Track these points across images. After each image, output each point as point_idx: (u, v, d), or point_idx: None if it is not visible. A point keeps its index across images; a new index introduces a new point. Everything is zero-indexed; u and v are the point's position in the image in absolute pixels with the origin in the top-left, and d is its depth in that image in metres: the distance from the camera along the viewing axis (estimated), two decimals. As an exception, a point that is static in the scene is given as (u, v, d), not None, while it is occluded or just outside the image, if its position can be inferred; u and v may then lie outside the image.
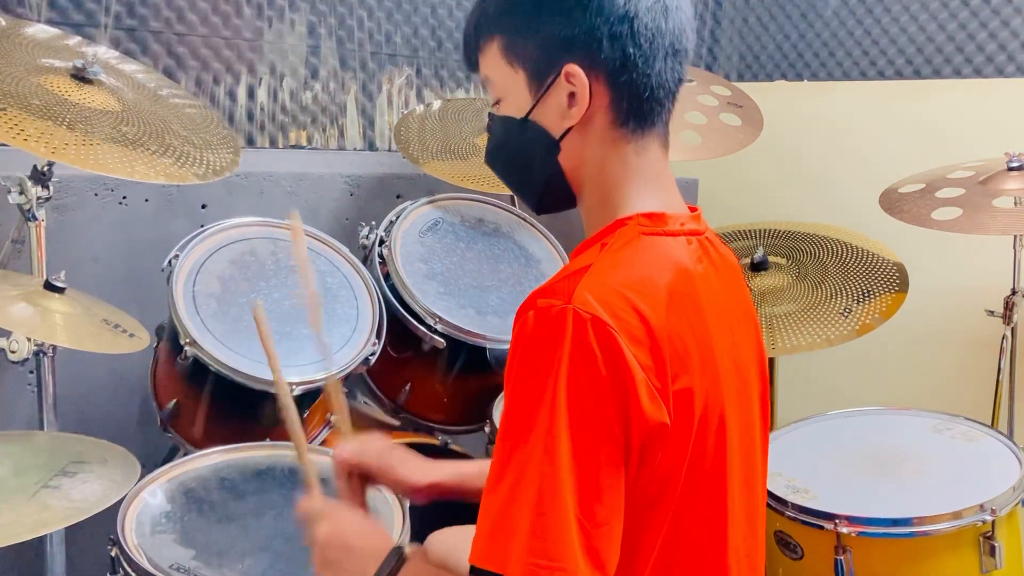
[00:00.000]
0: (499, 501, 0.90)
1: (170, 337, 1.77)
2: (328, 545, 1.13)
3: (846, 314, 2.08)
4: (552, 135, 1.05)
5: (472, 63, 1.12)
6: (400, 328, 1.94)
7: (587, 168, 1.05)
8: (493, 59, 1.07)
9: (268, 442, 1.71)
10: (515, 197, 2.33)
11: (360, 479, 1.30)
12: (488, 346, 1.96)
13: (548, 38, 1.02)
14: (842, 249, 2.29)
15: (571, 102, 1.02)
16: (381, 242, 2.02)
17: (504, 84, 1.07)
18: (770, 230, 2.45)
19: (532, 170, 1.08)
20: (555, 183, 1.08)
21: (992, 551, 1.60)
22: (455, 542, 1.53)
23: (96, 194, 2.00)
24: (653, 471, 0.94)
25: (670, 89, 1.05)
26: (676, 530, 0.99)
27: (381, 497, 1.51)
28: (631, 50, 1.00)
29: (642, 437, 0.92)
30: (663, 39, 1.02)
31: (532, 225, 2.24)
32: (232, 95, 2.35)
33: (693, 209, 1.11)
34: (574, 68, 1.01)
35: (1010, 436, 1.90)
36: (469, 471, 1.36)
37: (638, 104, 1.03)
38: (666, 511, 0.98)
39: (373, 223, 2.10)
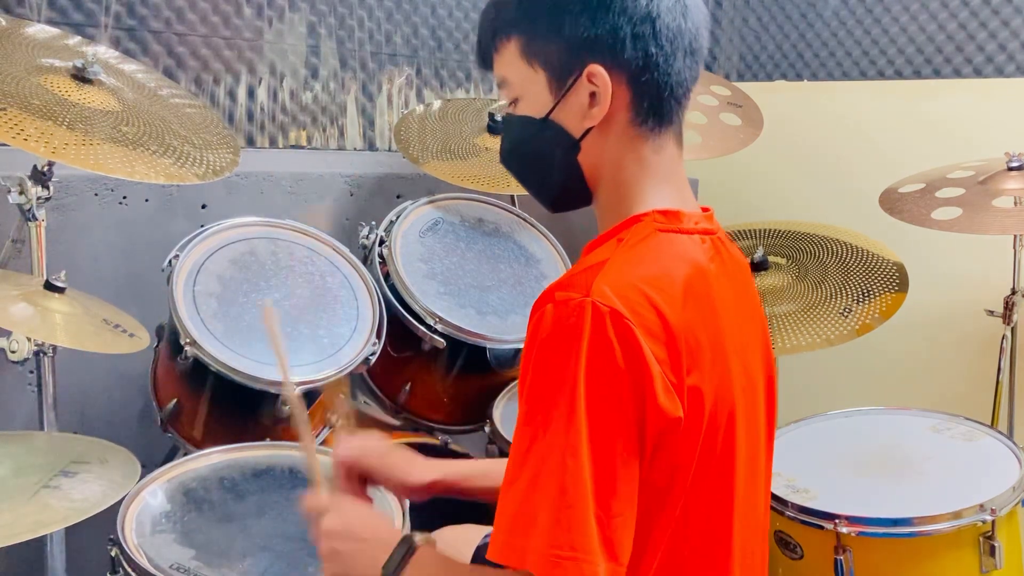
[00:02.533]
0: (519, 493, 0.91)
1: (170, 337, 1.77)
2: (334, 535, 1.12)
3: (846, 314, 2.08)
4: (572, 135, 1.05)
5: (487, 63, 1.10)
6: (400, 328, 1.94)
7: (605, 166, 1.06)
8: (511, 59, 1.06)
9: (268, 442, 1.71)
10: (515, 197, 2.33)
11: (360, 478, 1.30)
12: (488, 346, 1.96)
13: (570, 38, 1.01)
14: (842, 249, 2.29)
15: (592, 102, 1.02)
16: (381, 242, 2.02)
17: (522, 84, 1.06)
18: (770, 230, 2.45)
19: (552, 170, 1.08)
20: (574, 182, 1.08)
21: (992, 551, 1.60)
22: (455, 541, 1.53)
23: (96, 194, 2.00)
24: (664, 465, 0.95)
25: (687, 87, 1.05)
26: (684, 524, 0.99)
27: (381, 497, 1.51)
28: (653, 50, 1.01)
29: (657, 430, 0.93)
30: (682, 38, 1.02)
31: (532, 225, 2.24)
32: (232, 95, 2.35)
33: (706, 209, 1.12)
34: (596, 68, 1.01)
35: (1010, 436, 1.90)
36: (469, 470, 1.36)
37: (658, 103, 1.03)
38: (675, 505, 0.98)
39: (373, 223, 2.10)
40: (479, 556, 1.45)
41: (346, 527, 1.13)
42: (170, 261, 1.77)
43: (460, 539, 1.53)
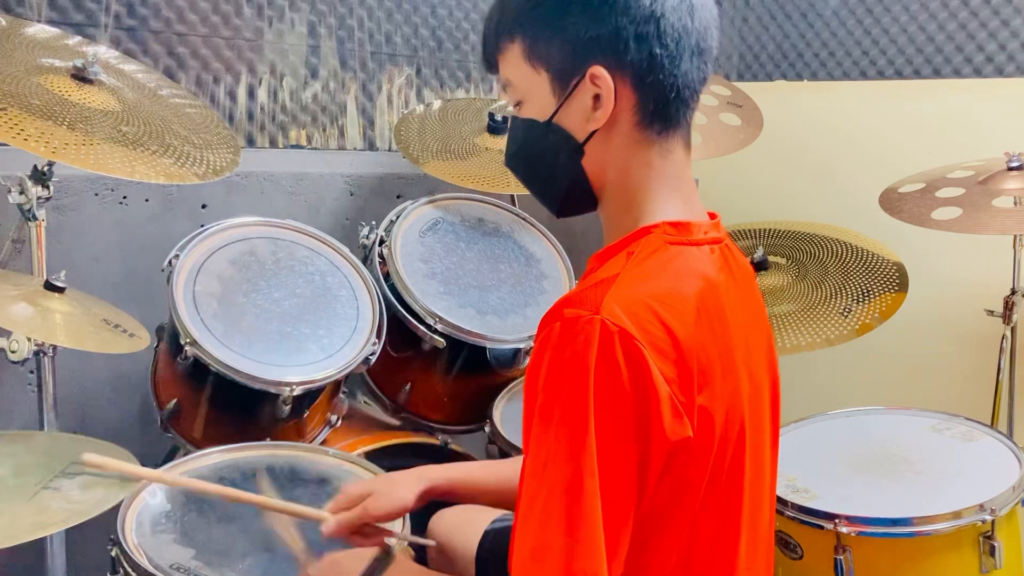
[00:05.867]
0: (536, 518, 0.90)
1: (170, 337, 1.77)
2: (318, 570, 1.19)
3: (846, 314, 2.08)
4: (576, 138, 1.03)
5: (492, 65, 1.09)
6: (400, 328, 1.94)
7: (611, 171, 1.04)
8: (515, 61, 1.05)
9: (268, 442, 1.71)
10: (516, 197, 2.33)
11: (362, 529, 1.29)
12: (488, 346, 1.96)
13: (573, 39, 1.00)
14: (842, 249, 2.29)
15: (596, 104, 1.01)
16: (381, 242, 2.02)
17: (526, 86, 1.05)
18: (770, 230, 2.45)
19: (556, 174, 1.06)
20: (579, 187, 1.06)
21: (992, 551, 1.60)
22: (458, 522, 1.53)
23: (96, 194, 2.00)
24: (671, 484, 0.94)
25: (695, 89, 1.03)
26: (693, 540, 0.99)
27: None
28: (657, 50, 0.99)
29: (663, 452, 0.92)
30: (689, 38, 1.00)
31: (532, 225, 2.24)
32: (232, 95, 2.35)
33: (712, 216, 1.10)
34: (599, 70, 0.99)
35: (1010, 436, 1.90)
36: (454, 475, 1.35)
37: (664, 105, 1.01)
38: (684, 520, 0.97)
39: (373, 223, 2.10)
40: (486, 540, 1.45)
41: (328, 559, 1.20)
42: (170, 261, 1.77)
43: (463, 521, 1.52)
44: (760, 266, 2.27)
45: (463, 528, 1.50)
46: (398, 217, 2.08)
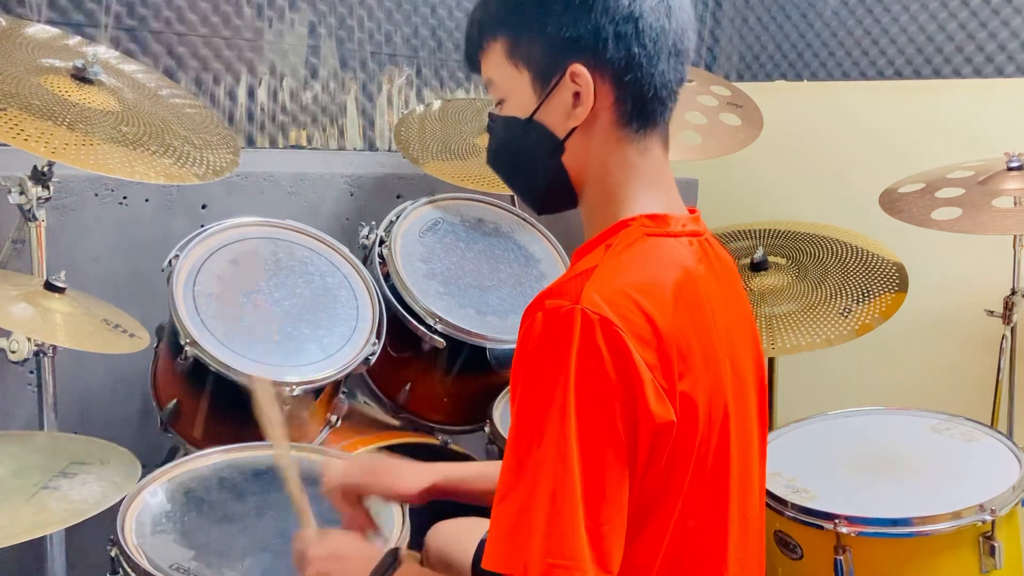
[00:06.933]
0: (515, 504, 0.90)
1: (170, 337, 1.77)
2: (321, 559, 1.17)
3: (846, 314, 2.08)
4: (557, 136, 1.05)
5: (474, 64, 1.11)
6: (400, 328, 1.94)
7: (590, 168, 1.06)
8: (496, 60, 1.07)
9: (268, 442, 1.71)
10: (515, 197, 2.33)
11: (357, 497, 1.32)
12: (488, 346, 1.96)
13: (553, 38, 1.02)
14: (842, 249, 2.29)
15: (576, 102, 1.02)
16: (381, 242, 2.02)
17: (508, 85, 1.07)
18: (770, 230, 2.45)
19: (536, 171, 1.08)
20: (559, 184, 1.08)
21: (992, 551, 1.60)
22: (456, 533, 1.53)
23: (96, 194, 2.00)
24: (659, 469, 0.95)
25: (672, 89, 1.05)
26: (681, 528, 1.00)
27: (378, 501, 1.51)
28: (636, 50, 1.01)
29: (650, 436, 0.92)
30: (666, 39, 1.02)
31: (532, 225, 2.24)
32: (232, 95, 2.35)
33: (692, 211, 1.12)
34: (579, 68, 1.01)
35: (1010, 436, 1.90)
36: (464, 473, 1.37)
37: (641, 104, 1.03)
38: (670, 509, 0.98)
39: (373, 223, 2.10)
40: (482, 549, 1.45)
41: (332, 550, 1.18)
42: (170, 261, 1.77)
43: (461, 532, 1.53)
44: (760, 266, 2.28)
45: (460, 538, 1.50)
46: (398, 217, 2.08)
